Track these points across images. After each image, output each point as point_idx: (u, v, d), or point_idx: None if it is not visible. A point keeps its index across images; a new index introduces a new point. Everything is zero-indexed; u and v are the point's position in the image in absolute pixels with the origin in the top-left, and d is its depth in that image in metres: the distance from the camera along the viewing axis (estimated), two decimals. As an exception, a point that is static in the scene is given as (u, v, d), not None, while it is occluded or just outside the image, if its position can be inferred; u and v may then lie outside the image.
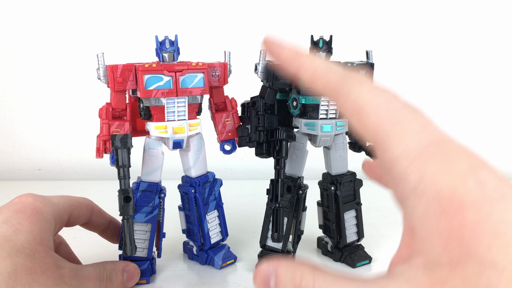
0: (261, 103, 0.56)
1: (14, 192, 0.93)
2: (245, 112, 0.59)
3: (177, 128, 0.54)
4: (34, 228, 0.43)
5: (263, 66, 0.56)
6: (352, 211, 0.61)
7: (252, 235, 0.71)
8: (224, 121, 0.59)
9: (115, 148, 0.50)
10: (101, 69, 0.52)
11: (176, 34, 0.54)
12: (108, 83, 0.53)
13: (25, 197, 0.47)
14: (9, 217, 0.43)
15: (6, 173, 1.09)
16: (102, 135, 0.52)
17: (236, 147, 0.60)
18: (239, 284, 0.56)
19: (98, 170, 1.08)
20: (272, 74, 0.55)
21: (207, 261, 0.61)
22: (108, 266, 0.50)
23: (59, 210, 0.49)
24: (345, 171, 0.61)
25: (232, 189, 0.94)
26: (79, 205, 0.52)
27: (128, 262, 0.54)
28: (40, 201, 0.47)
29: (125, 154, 0.50)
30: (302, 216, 0.61)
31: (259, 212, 0.78)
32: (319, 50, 0.55)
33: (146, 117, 0.54)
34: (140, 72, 0.51)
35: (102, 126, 0.52)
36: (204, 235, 0.59)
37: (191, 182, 0.58)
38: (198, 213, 0.59)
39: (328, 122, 0.56)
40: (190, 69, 0.53)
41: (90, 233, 0.57)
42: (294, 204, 0.59)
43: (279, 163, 0.54)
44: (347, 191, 0.60)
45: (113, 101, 0.54)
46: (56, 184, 1.03)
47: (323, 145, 0.59)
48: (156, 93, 0.52)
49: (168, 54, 0.53)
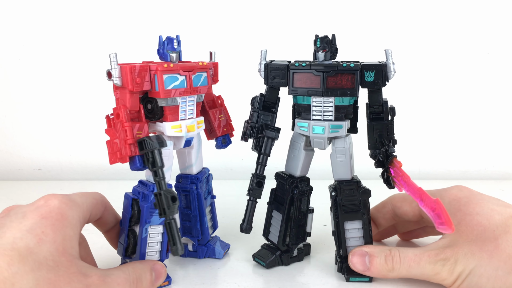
0: (260, 101, 0.58)
1: (14, 192, 0.93)
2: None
3: (189, 127, 0.55)
4: (58, 237, 0.42)
5: (263, 66, 0.57)
6: (357, 222, 0.57)
7: (252, 235, 0.70)
8: (218, 117, 0.61)
9: (151, 150, 0.49)
10: (115, 69, 0.49)
11: (177, 35, 0.54)
12: (123, 84, 0.50)
13: (51, 199, 0.46)
14: (33, 224, 0.42)
15: (6, 173, 1.09)
16: (127, 139, 0.49)
17: (231, 141, 0.63)
18: (239, 284, 0.56)
19: (98, 170, 1.09)
20: (268, 73, 0.57)
21: (207, 253, 0.62)
22: (137, 266, 0.50)
23: (84, 211, 0.48)
24: (348, 178, 0.57)
25: (232, 189, 0.94)
26: (97, 203, 0.52)
27: (155, 261, 0.53)
28: (66, 203, 0.46)
29: (160, 155, 0.49)
30: (308, 218, 0.61)
31: (259, 212, 0.78)
32: (318, 49, 0.54)
33: (156, 117, 0.53)
34: (160, 72, 0.51)
35: (125, 129, 0.49)
36: (204, 229, 0.61)
37: (192, 178, 0.59)
38: (200, 209, 0.60)
39: (320, 123, 0.55)
40: (198, 68, 0.55)
41: (89, 234, 0.57)
42: (287, 202, 0.59)
43: (258, 159, 0.56)
44: (350, 200, 0.56)
45: (129, 103, 0.51)
46: (56, 184, 1.03)
47: (317, 147, 0.57)
48: (174, 92, 0.52)
49: (175, 54, 0.54)
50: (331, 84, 0.53)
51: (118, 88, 0.51)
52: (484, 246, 0.49)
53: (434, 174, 1.09)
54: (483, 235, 0.49)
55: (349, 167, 0.57)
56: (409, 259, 0.51)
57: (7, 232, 0.41)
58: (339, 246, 0.58)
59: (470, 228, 0.50)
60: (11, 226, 0.42)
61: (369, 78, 0.54)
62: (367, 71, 0.54)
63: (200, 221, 0.61)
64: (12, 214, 0.44)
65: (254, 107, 0.58)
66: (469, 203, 0.53)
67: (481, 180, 1.06)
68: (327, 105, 0.54)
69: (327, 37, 0.54)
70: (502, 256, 0.48)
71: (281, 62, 0.57)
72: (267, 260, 0.60)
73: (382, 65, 0.54)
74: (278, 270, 0.60)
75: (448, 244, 0.51)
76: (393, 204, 0.61)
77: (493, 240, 0.49)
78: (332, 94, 0.54)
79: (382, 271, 0.53)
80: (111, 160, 0.50)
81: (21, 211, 0.44)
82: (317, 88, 0.54)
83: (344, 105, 0.55)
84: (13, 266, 0.38)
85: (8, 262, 0.38)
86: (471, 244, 0.49)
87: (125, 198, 0.55)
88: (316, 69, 0.53)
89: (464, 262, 0.49)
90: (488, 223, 0.50)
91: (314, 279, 0.57)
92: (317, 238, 0.67)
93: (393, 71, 0.54)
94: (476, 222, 0.50)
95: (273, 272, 0.59)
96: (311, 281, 0.57)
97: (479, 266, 0.48)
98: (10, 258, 0.39)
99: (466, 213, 0.52)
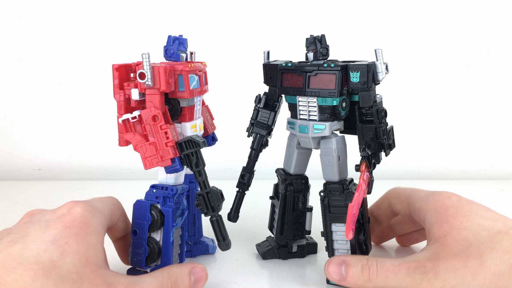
0: (262, 99, 0.60)
1: (14, 192, 0.93)
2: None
3: (201, 126, 0.56)
4: (81, 247, 0.42)
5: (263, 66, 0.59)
6: (343, 225, 0.55)
7: (252, 235, 0.71)
8: (206, 116, 0.61)
9: (195, 150, 0.50)
10: (149, 70, 0.48)
11: (181, 35, 0.55)
12: (155, 85, 0.49)
13: (74, 207, 0.45)
14: (57, 235, 0.42)
15: (6, 173, 1.09)
16: (168, 141, 0.49)
17: (217, 138, 0.64)
18: (239, 284, 0.56)
19: (98, 170, 1.09)
20: (266, 73, 0.59)
21: (201, 251, 0.63)
22: (173, 271, 0.48)
23: (106, 217, 0.48)
24: (335, 179, 0.56)
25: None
26: (115, 208, 0.51)
27: (195, 263, 0.51)
28: (89, 211, 0.45)
29: (201, 155, 0.50)
30: (307, 217, 0.61)
31: (259, 212, 0.79)
32: (308, 50, 0.55)
33: (175, 118, 0.53)
34: (186, 72, 0.51)
35: (165, 131, 0.49)
36: (199, 228, 0.63)
37: (191, 178, 0.60)
38: None
39: (305, 123, 0.55)
40: (203, 68, 0.56)
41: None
42: (281, 198, 0.60)
43: (249, 154, 0.59)
44: (337, 201, 0.55)
45: (160, 105, 0.50)
46: (56, 184, 1.03)
47: (304, 146, 0.57)
48: (195, 92, 0.53)
49: (185, 54, 0.54)
50: (314, 84, 0.53)
51: (144, 90, 0.49)
52: (468, 262, 0.45)
53: (434, 174, 1.09)
54: (468, 251, 0.46)
55: (336, 168, 0.55)
56: (386, 270, 0.48)
57: (31, 243, 0.41)
58: (326, 247, 0.57)
59: (455, 242, 0.48)
60: (35, 236, 0.42)
61: (354, 78, 0.52)
62: (353, 71, 0.52)
63: (197, 219, 0.62)
64: (35, 222, 0.44)
65: (256, 104, 0.60)
66: (457, 215, 0.50)
67: (481, 180, 1.06)
68: (312, 105, 0.54)
69: (315, 38, 0.54)
70: (487, 274, 0.45)
71: (278, 62, 0.58)
72: (263, 250, 0.62)
73: (368, 66, 0.51)
74: (278, 270, 0.60)
75: (429, 256, 0.48)
76: (389, 200, 0.61)
77: (478, 256, 0.45)
78: (313, 94, 0.53)
79: (358, 281, 0.50)
80: (147, 165, 0.49)
81: (44, 220, 0.44)
82: (300, 88, 0.54)
83: (327, 106, 0.53)
84: (37, 281, 0.38)
85: (32, 277, 0.38)
86: (454, 259, 0.46)
87: (138, 205, 0.52)
88: (300, 70, 0.54)
89: (444, 277, 0.46)
90: (475, 239, 0.47)
91: (314, 279, 0.57)
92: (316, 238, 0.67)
93: (383, 71, 0.52)
94: (463, 237, 0.48)
95: (274, 272, 0.59)
96: (312, 281, 0.57)
97: (462, 284, 0.45)
98: (34, 272, 0.38)
99: (453, 226, 0.49)
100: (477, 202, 0.53)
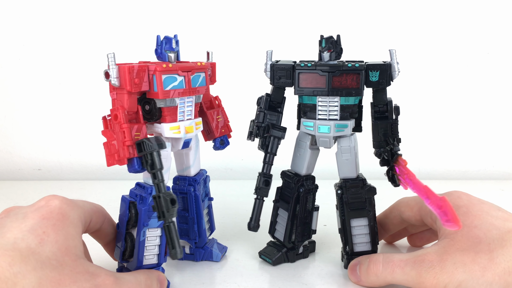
0: (266, 100, 0.58)
1: (14, 192, 0.93)
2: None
3: (188, 128, 0.54)
4: (60, 237, 0.42)
5: (269, 66, 0.58)
6: (363, 219, 0.58)
7: (252, 235, 0.71)
8: (216, 118, 0.61)
9: (150, 152, 0.48)
10: (113, 70, 0.48)
11: (175, 34, 0.54)
12: (121, 85, 0.49)
13: (52, 200, 0.45)
14: (34, 225, 0.42)
15: (6, 173, 1.09)
16: (125, 140, 0.48)
17: (229, 142, 0.63)
18: (239, 284, 0.56)
19: (98, 170, 1.09)
20: (274, 74, 0.57)
21: (204, 256, 0.62)
22: (149, 276, 0.49)
23: (85, 212, 0.48)
24: (354, 176, 0.58)
25: (232, 189, 0.94)
26: (97, 211, 0.51)
27: (159, 271, 0.53)
28: (67, 204, 0.45)
29: (159, 157, 0.49)
30: (313, 216, 0.62)
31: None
32: (323, 49, 0.55)
33: (155, 118, 0.53)
34: (159, 73, 0.50)
35: (123, 131, 0.48)
36: (201, 232, 0.60)
37: (190, 180, 0.59)
38: (197, 211, 0.59)
39: (326, 123, 0.56)
40: (196, 69, 0.54)
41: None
42: (293, 200, 0.59)
43: (264, 158, 0.56)
44: (356, 198, 0.57)
45: (127, 104, 0.50)
46: (56, 184, 1.03)
47: (323, 146, 0.58)
48: (173, 93, 0.52)
49: (174, 54, 0.53)
50: (336, 84, 0.54)
51: (115, 89, 0.50)
52: (477, 258, 0.46)
53: (434, 174, 1.09)
54: (477, 247, 0.47)
55: (354, 165, 0.58)
56: (393, 264, 0.50)
57: (7, 232, 0.41)
58: (345, 243, 0.59)
59: (465, 238, 0.48)
60: (12, 227, 0.41)
61: (373, 78, 0.54)
62: (372, 71, 0.54)
63: (197, 223, 0.60)
64: (12, 215, 0.44)
65: (260, 106, 0.59)
66: (468, 214, 0.50)
67: (481, 180, 1.06)
68: (333, 105, 0.55)
69: (332, 38, 0.55)
70: (497, 270, 0.45)
71: (287, 62, 0.57)
72: (274, 257, 0.60)
73: (387, 65, 0.54)
74: (278, 269, 0.60)
75: (437, 250, 0.49)
76: (398, 209, 0.61)
77: (488, 252, 0.46)
78: (338, 94, 0.54)
79: (368, 278, 0.52)
80: (108, 162, 0.49)
81: (22, 212, 0.44)
82: (322, 88, 0.54)
83: (349, 105, 0.56)
84: (15, 266, 0.38)
85: (9, 262, 0.38)
86: (463, 254, 0.47)
87: (122, 201, 0.54)
88: (322, 69, 0.54)
89: (451, 272, 0.46)
90: (485, 237, 0.47)
91: (315, 278, 0.57)
92: (316, 237, 0.67)
93: (397, 71, 0.54)
94: (473, 234, 0.48)
95: (274, 272, 0.59)
96: (312, 280, 0.57)
97: (470, 280, 0.45)
98: (11, 258, 0.38)
99: (464, 225, 0.49)
100: (488, 202, 0.53)
